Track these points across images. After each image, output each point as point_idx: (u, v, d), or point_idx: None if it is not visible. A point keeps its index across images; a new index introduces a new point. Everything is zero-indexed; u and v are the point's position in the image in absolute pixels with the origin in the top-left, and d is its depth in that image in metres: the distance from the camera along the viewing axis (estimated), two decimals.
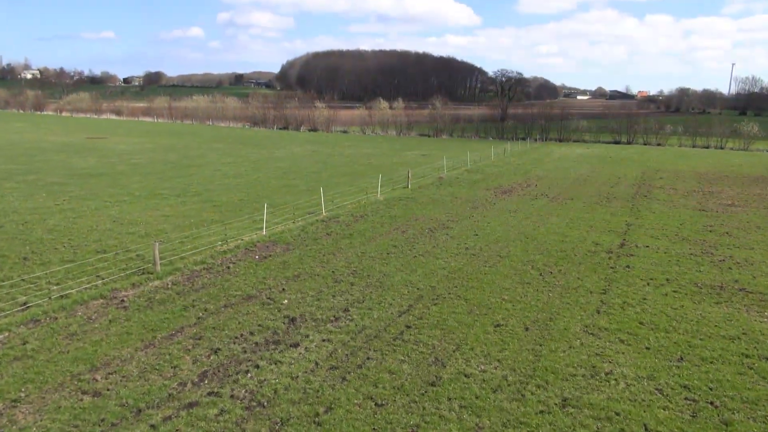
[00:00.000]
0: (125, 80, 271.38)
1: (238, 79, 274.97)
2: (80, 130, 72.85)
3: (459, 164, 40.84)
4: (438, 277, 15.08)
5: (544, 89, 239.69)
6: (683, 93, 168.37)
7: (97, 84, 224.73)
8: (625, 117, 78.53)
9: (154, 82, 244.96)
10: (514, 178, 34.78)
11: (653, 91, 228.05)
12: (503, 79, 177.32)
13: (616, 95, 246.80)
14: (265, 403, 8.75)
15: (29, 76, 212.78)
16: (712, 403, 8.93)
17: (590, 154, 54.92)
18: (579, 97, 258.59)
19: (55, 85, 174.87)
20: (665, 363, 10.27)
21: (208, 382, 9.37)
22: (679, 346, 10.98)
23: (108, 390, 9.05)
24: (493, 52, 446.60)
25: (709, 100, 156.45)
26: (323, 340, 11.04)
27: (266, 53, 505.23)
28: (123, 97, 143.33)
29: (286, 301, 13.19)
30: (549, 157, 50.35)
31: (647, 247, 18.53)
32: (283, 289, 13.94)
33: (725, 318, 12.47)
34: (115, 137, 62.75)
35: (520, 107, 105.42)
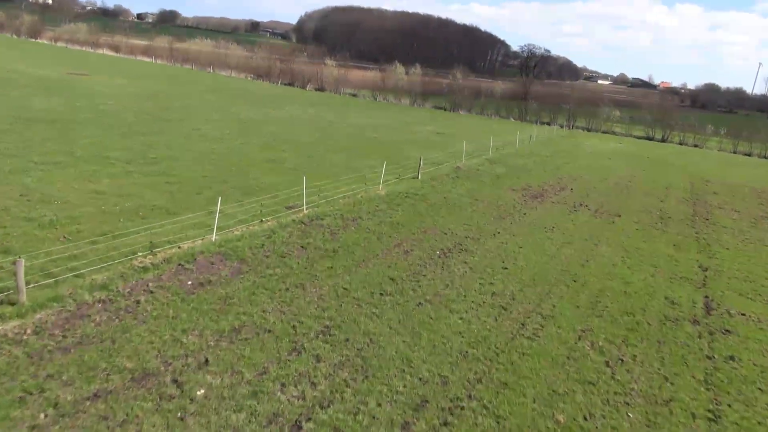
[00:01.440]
0: (139, 16, 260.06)
1: (255, 27, 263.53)
2: (65, 64, 66.59)
3: (479, 150, 35.14)
4: (453, 355, 9.84)
5: (566, 69, 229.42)
6: (710, 88, 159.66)
7: (109, 17, 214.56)
8: (659, 109, 72.17)
9: (168, 21, 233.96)
10: (544, 177, 29.20)
11: (675, 83, 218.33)
12: (528, 54, 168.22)
13: (637, 83, 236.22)
14: None
15: (40, 0, 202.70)
16: None
17: (624, 150, 49.10)
18: (600, 82, 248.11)
19: (58, 12, 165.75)
20: None
21: None
22: None
23: None
24: (514, 25, 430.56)
25: (737, 99, 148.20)
26: None
27: (286, 3, 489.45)
28: (126, 32, 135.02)
29: (202, 391, 8.00)
30: (580, 150, 44.57)
31: (743, 315, 13.24)
32: (206, 361, 8.74)
33: None
34: (99, 75, 56.66)
35: (544, 86, 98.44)
